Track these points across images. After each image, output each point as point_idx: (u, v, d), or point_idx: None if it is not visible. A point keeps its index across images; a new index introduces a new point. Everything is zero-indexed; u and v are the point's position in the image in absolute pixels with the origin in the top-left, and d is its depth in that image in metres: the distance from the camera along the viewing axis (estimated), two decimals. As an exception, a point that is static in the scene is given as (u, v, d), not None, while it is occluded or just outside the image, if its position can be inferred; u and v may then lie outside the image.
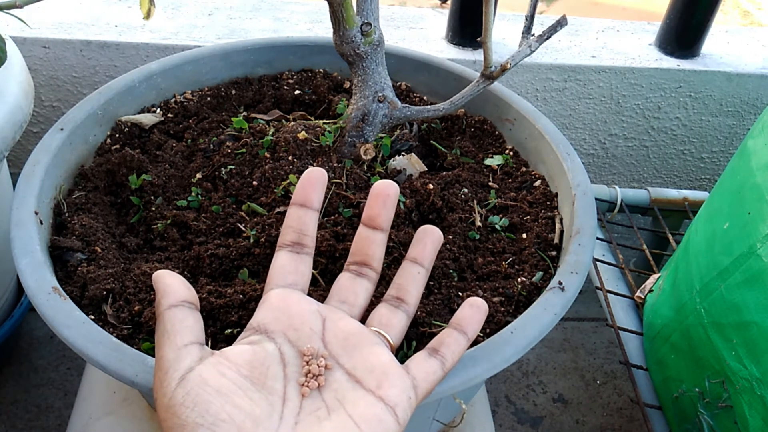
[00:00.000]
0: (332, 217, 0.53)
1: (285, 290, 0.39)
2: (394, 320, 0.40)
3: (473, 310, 0.40)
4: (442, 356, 0.38)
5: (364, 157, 0.58)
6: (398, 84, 0.71)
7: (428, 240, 0.42)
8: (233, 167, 0.57)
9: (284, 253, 0.40)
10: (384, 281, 0.48)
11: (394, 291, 0.42)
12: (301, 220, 0.41)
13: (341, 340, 0.37)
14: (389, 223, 0.42)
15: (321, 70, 0.72)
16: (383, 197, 0.41)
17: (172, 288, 0.36)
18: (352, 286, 0.41)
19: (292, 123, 0.61)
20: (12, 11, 0.43)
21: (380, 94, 0.56)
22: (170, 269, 0.49)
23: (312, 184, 0.41)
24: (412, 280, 0.41)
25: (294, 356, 0.36)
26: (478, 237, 0.54)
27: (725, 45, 1.05)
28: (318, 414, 0.34)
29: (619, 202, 0.92)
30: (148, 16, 0.51)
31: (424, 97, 0.70)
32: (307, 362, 0.36)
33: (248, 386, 0.33)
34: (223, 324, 0.45)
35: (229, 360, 0.34)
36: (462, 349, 0.39)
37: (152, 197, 0.56)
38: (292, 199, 0.41)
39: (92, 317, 0.44)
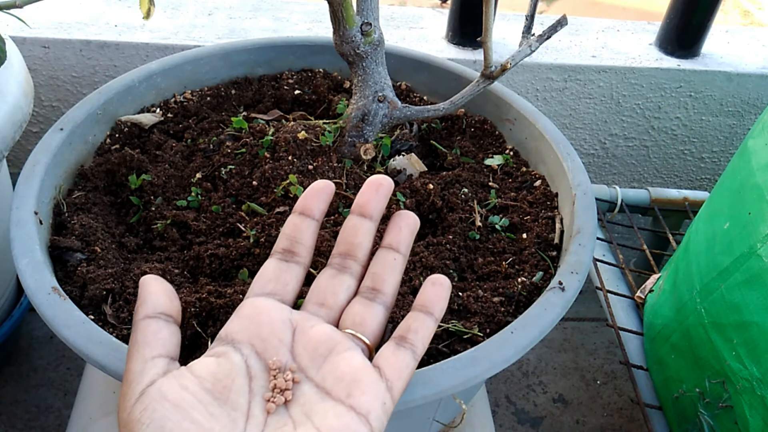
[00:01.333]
0: (332, 217, 0.53)
1: (258, 299, 0.37)
2: (368, 316, 0.37)
3: (437, 288, 0.38)
4: (411, 344, 0.36)
5: (364, 157, 0.57)
6: (398, 84, 0.71)
7: (403, 224, 0.40)
8: (233, 167, 0.57)
9: (271, 261, 0.39)
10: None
11: (369, 281, 0.39)
12: (297, 228, 0.39)
13: (310, 351, 0.35)
14: (380, 213, 0.40)
15: (321, 70, 0.72)
16: (376, 185, 0.39)
17: (153, 297, 0.34)
18: (332, 286, 0.38)
19: (292, 123, 0.61)
20: (12, 11, 0.43)
21: (380, 94, 0.56)
22: (170, 269, 0.49)
23: (315, 194, 0.39)
24: (388, 267, 0.39)
25: (261, 369, 0.34)
26: (478, 237, 0.54)
27: (725, 45, 1.05)
28: (284, 430, 0.32)
29: (619, 202, 0.92)
30: (147, 15, 0.51)
31: (424, 97, 0.70)
32: (274, 376, 0.34)
33: (210, 401, 0.31)
34: (223, 324, 0.45)
35: (193, 373, 0.32)
36: (430, 333, 0.37)
37: (152, 197, 0.56)
38: (293, 209, 0.39)
39: (92, 317, 0.44)
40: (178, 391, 0.31)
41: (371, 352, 0.37)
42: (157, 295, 0.35)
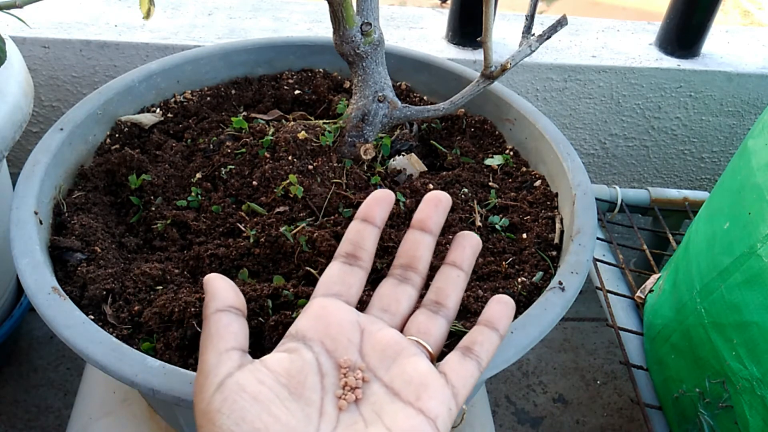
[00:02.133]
0: (332, 217, 0.53)
1: (326, 299, 0.38)
2: (432, 327, 0.39)
3: (501, 306, 0.40)
4: (477, 356, 0.37)
5: (364, 157, 0.58)
6: (398, 84, 0.71)
7: (467, 244, 0.42)
8: (233, 167, 0.57)
9: (336, 264, 0.40)
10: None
11: (433, 295, 0.41)
12: (360, 234, 0.40)
13: (379, 352, 0.36)
14: (439, 227, 0.41)
15: (321, 69, 0.72)
16: (435, 201, 0.41)
17: (221, 292, 0.36)
18: (395, 294, 0.40)
19: (292, 123, 0.61)
20: (12, 11, 0.43)
21: (380, 94, 0.56)
22: (170, 269, 0.49)
23: (377, 202, 0.41)
24: (451, 283, 0.41)
25: (331, 367, 0.35)
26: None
27: (725, 45, 1.05)
28: (356, 428, 0.33)
29: (619, 202, 0.92)
30: (147, 15, 0.51)
31: (424, 97, 0.70)
32: (345, 374, 0.35)
33: (286, 395, 0.33)
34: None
35: (268, 368, 0.34)
36: (495, 347, 0.38)
37: (152, 197, 0.56)
38: (356, 215, 0.41)
39: (92, 317, 0.44)
40: (255, 384, 0.32)
41: (433, 361, 0.38)
42: (225, 289, 0.36)
